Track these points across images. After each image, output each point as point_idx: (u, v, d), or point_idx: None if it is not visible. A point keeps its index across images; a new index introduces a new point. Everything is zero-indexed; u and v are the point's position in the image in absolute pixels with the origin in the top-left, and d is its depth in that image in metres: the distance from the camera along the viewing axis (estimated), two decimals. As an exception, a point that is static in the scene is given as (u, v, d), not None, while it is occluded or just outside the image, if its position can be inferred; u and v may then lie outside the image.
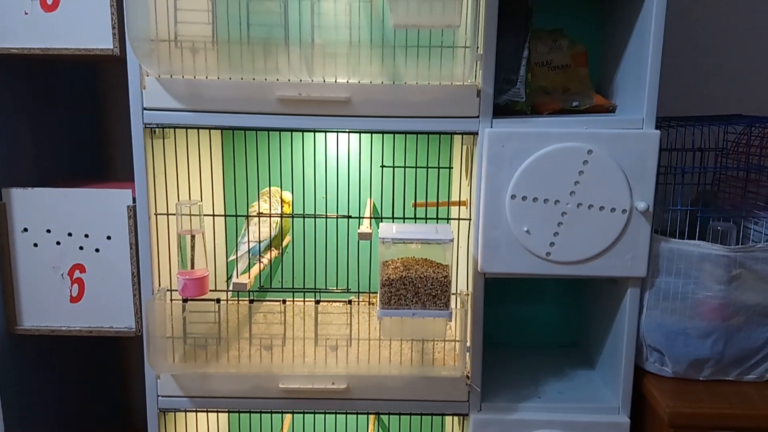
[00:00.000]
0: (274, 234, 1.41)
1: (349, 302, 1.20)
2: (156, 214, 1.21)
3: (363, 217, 1.26)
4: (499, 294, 1.52)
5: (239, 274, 1.32)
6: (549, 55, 1.36)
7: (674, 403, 1.15)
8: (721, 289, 1.17)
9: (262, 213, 1.35)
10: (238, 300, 1.25)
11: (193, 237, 1.21)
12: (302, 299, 1.29)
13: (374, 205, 1.48)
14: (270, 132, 1.17)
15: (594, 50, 1.40)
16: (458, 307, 1.21)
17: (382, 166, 1.27)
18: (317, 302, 1.21)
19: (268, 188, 1.43)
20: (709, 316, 1.18)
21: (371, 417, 1.56)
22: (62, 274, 1.28)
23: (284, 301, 1.23)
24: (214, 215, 1.24)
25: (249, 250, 1.36)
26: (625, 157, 1.14)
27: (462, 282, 1.29)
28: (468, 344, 1.22)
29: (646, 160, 1.14)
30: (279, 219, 1.40)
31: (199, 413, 1.35)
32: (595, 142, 1.14)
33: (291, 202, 1.45)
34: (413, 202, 1.27)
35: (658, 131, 1.14)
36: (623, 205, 1.15)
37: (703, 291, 1.18)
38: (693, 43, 1.54)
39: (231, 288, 1.22)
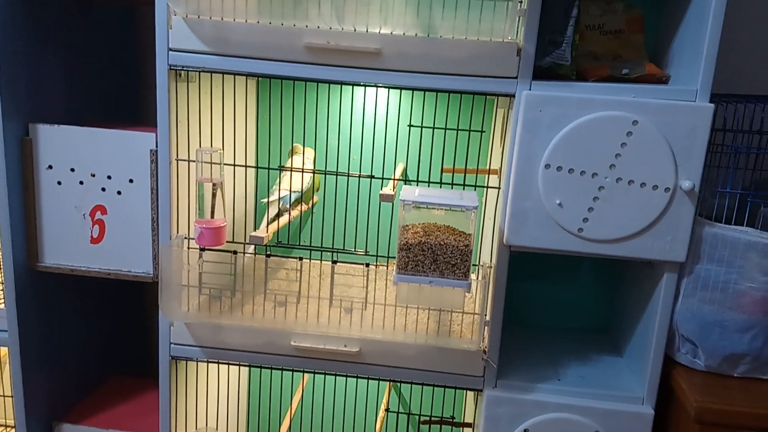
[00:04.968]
0: (306, 188, 1.37)
1: (367, 265, 1.15)
2: (177, 160, 1.19)
3: (388, 179, 1.21)
4: (528, 271, 1.46)
5: (269, 219, 1.30)
6: (602, 18, 1.27)
7: (703, 398, 1.07)
8: (766, 281, 1.08)
9: (293, 168, 1.31)
10: (255, 253, 1.23)
11: (214, 185, 1.18)
12: (320, 259, 1.25)
13: (405, 170, 1.42)
14: (306, 84, 1.12)
15: (651, 16, 1.30)
16: (479, 278, 1.16)
17: (410, 126, 1.20)
18: (334, 262, 1.17)
19: (300, 144, 1.39)
20: (750, 309, 1.09)
21: (387, 384, 1.53)
22: (84, 215, 1.27)
23: (301, 259, 1.20)
24: (234, 165, 1.21)
25: (280, 197, 1.32)
26: (673, 130, 1.05)
27: (487, 254, 1.23)
28: (487, 318, 1.16)
29: (697, 136, 1.05)
30: (312, 175, 1.36)
31: (213, 365, 1.34)
32: (641, 113, 1.05)
33: (314, 160, 1.41)
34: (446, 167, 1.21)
35: (712, 104, 1.04)
36: (667, 182, 1.07)
37: (746, 282, 1.09)
38: (759, 17, 1.41)
39: (248, 240, 1.19)
